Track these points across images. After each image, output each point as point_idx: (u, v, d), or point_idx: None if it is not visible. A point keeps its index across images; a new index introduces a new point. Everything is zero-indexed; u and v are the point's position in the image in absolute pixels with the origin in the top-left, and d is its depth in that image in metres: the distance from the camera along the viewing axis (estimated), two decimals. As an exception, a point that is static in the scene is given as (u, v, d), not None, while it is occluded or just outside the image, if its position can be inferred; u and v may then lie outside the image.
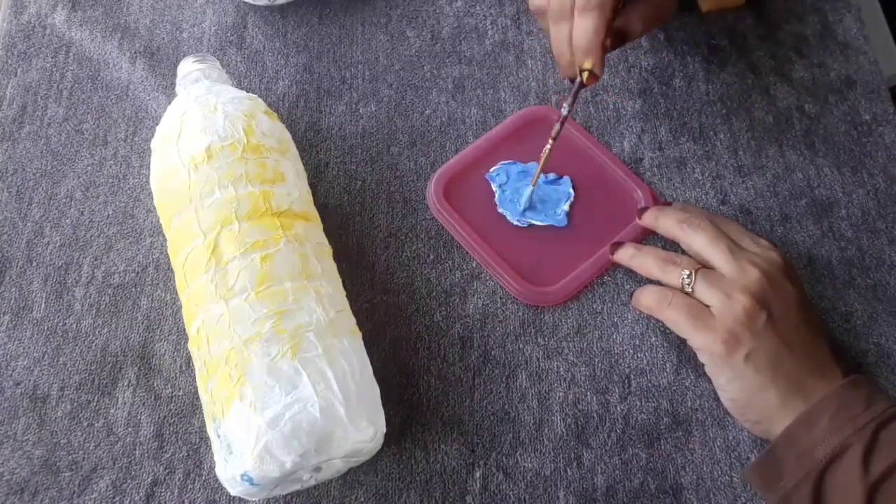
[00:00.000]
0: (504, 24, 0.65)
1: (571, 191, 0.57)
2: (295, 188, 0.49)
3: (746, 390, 0.46)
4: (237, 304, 0.43)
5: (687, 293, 0.48)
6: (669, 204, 0.55)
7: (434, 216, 0.56)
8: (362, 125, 0.60)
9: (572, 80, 0.51)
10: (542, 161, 0.53)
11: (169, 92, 0.61)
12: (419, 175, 0.58)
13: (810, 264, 0.55)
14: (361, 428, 0.41)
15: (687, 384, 0.51)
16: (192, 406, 0.50)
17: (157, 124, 0.51)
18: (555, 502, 0.48)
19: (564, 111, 0.51)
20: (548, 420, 0.50)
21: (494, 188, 0.56)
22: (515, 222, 0.55)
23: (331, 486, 0.48)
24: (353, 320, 0.48)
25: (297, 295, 0.44)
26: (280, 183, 0.48)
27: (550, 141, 0.52)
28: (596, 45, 0.48)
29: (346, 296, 0.48)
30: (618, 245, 0.54)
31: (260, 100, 0.52)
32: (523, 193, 0.56)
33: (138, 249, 0.55)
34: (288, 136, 0.53)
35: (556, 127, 0.52)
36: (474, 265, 0.55)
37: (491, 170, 0.57)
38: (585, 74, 0.49)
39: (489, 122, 0.60)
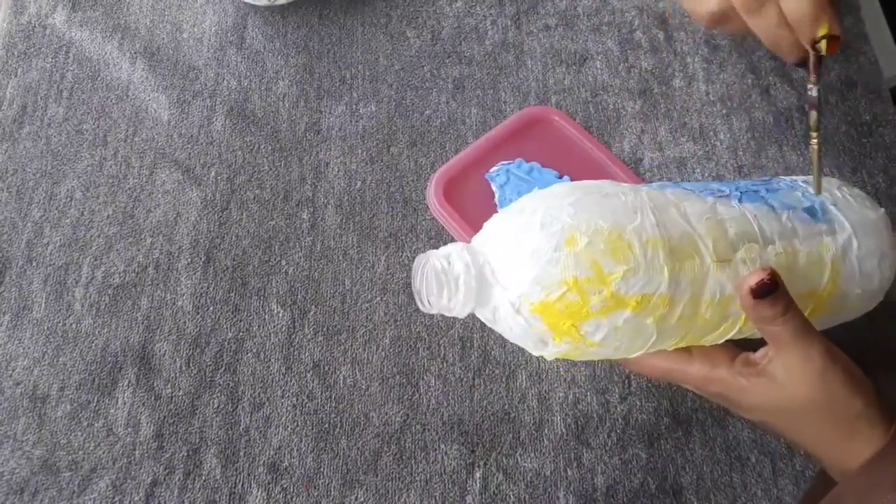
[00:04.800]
0: (504, 25, 0.65)
1: (571, 191, 0.57)
2: None
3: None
4: None
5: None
6: None
7: (434, 216, 0.56)
8: (362, 125, 0.60)
9: (802, 63, 0.46)
10: (815, 160, 0.45)
11: (169, 92, 0.61)
12: (419, 175, 0.58)
13: (810, 264, 0.55)
14: None
15: (687, 384, 0.51)
16: (192, 406, 0.50)
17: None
18: (555, 502, 0.48)
19: (813, 93, 0.45)
20: (548, 420, 0.50)
21: (494, 188, 0.56)
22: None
23: (331, 486, 0.48)
24: None
25: None
26: None
27: (813, 135, 0.45)
28: (822, 3, 0.42)
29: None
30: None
31: None
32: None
33: (138, 250, 0.55)
34: None
35: (813, 115, 0.45)
36: (474, 265, 0.55)
37: (491, 170, 0.57)
38: (823, 43, 0.44)
39: (489, 122, 0.60)
